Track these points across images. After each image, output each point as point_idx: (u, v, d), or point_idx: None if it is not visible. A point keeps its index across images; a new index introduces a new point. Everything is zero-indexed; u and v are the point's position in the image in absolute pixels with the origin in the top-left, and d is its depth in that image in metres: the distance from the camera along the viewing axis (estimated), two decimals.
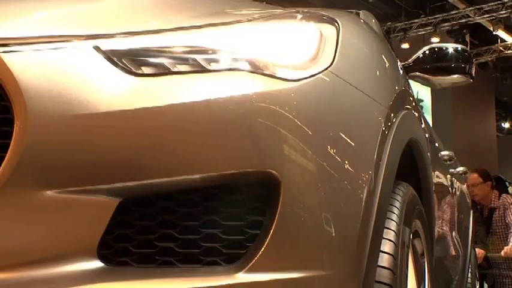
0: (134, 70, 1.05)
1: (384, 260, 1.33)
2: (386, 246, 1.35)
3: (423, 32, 11.98)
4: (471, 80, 2.47)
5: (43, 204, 0.98)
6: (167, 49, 1.10)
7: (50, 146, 0.98)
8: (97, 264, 1.01)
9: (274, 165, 1.05)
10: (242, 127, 1.05)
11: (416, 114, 1.97)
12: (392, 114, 1.42)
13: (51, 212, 0.98)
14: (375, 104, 1.35)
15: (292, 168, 1.07)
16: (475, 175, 5.90)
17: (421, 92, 11.30)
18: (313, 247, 1.07)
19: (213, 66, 1.10)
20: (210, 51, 1.11)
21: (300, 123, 1.09)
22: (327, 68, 1.22)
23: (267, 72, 1.12)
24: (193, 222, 1.04)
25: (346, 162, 1.16)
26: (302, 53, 1.21)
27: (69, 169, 0.99)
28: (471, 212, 4.25)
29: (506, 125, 15.88)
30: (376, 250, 1.25)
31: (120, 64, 1.05)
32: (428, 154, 2.17)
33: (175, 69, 1.07)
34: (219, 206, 1.05)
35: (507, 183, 7.17)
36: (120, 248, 1.03)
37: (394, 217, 1.43)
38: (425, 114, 3.53)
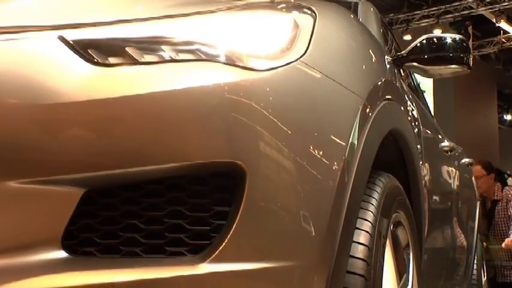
0: (100, 60, 1.05)
1: (359, 250, 1.32)
2: (362, 237, 1.34)
3: (425, 24, 11.93)
4: (468, 70, 2.45)
5: (6, 195, 0.97)
6: (135, 39, 1.09)
7: (13, 136, 0.98)
8: (61, 254, 1.00)
9: (239, 155, 1.04)
10: (207, 117, 1.04)
11: (403, 106, 1.96)
12: (369, 105, 1.41)
13: (14, 202, 0.98)
14: (350, 94, 1.34)
15: (259, 159, 1.06)
16: (479, 167, 5.91)
17: (423, 83, 11.24)
18: (278, 238, 1.07)
19: (181, 56, 1.09)
20: (179, 42, 1.11)
21: (266, 113, 1.08)
22: (298, 58, 1.21)
23: (236, 63, 1.11)
24: (158, 213, 1.04)
25: (316, 152, 1.16)
26: (274, 43, 1.20)
27: (33, 159, 0.98)
28: (478, 203, 4.19)
29: (508, 117, 15.81)
30: (347, 241, 1.24)
31: (86, 54, 1.04)
32: (418, 146, 2.16)
33: (143, 60, 1.07)
34: (184, 197, 1.04)
35: (506, 176, 7.17)
36: (84, 238, 1.03)
37: (372, 208, 1.43)
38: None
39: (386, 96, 1.63)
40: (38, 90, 1.00)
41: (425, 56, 2.38)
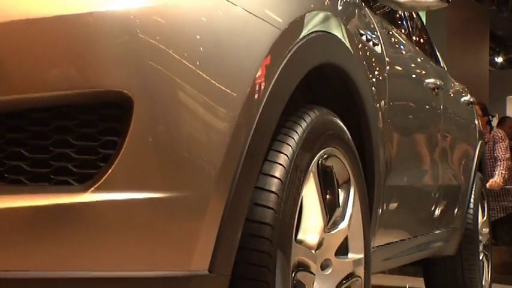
0: None
1: (270, 183, 1.32)
2: (276, 170, 1.34)
3: None
4: (446, 4, 2.39)
5: None
6: None
7: None
8: None
9: (127, 84, 1.02)
10: (95, 45, 1.02)
11: (349, 40, 1.90)
12: (289, 36, 1.38)
13: None
14: (265, 25, 1.30)
15: (147, 88, 1.04)
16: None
17: None
18: (167, 168, 1.06)
19: None
20: None
21: (157, 43, 1.06)
22: None
23: None
24: (44, 142, 1.03)
25: (214, 82, 1.13)
26: None
27: None
28: (479, 142, 4.12)
29: (499, 60, 15.62)
30: (251, 173, 1.23)
31: None
32: (373, 88, 2.12)
33: None
34: (72, 126, 1.03)
35: (490, 117, 7.20)
36: None
37: (291, 142, 1.41)
38: None
39: (321, 29, 1.59)
40: None
41: None
